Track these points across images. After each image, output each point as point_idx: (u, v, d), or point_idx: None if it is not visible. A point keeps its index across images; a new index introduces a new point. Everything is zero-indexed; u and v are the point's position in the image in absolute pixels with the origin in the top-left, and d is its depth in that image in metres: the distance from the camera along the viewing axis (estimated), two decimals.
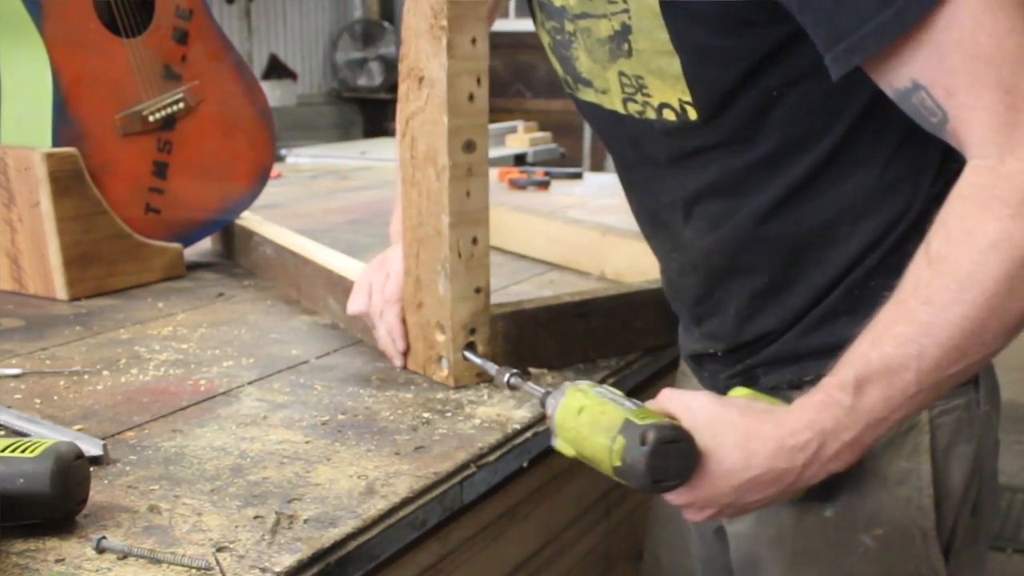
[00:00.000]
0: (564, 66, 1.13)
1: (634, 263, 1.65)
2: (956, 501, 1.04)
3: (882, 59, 0.86)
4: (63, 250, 1.61)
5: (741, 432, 0.90)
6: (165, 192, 1.78)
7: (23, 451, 0.86)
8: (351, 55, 8.36)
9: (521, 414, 1.15)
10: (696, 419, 0.91)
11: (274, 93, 7.70)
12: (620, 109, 1.07)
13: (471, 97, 1.15)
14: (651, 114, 1.04)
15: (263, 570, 0.80)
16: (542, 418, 1.14)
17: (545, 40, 1.15)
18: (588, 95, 1.11)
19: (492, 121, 1.25)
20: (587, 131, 7.09)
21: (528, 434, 1.12)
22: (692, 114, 1.00)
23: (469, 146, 1.16)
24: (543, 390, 1.02)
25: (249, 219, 1.88)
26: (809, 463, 0.89)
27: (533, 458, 1.13)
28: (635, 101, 1.04)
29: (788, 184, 1.01)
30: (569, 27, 1.07)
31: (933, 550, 1.03)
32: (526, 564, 1.26)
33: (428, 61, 1.15)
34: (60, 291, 1.62)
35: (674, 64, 0.98)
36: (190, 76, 1.78)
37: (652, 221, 1.18)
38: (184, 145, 1.79)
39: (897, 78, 0.86)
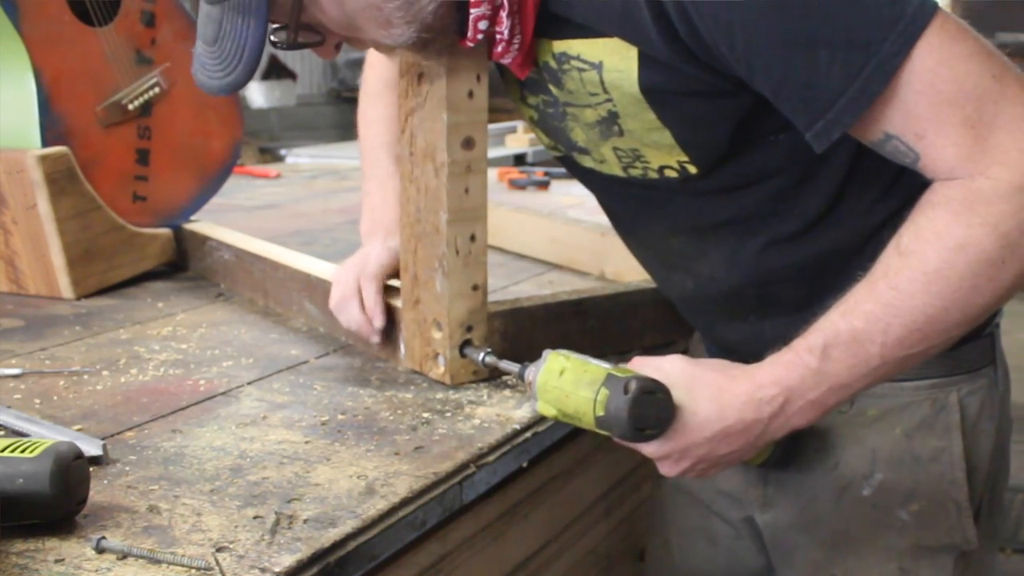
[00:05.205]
0: (557, 136, 1.14)
1: (634, 263, 1.64)
2: (983, 474, 1.11)
3: (856, 124, 0.92)
4: (65, 250, 1.61)
5: (715, 386, 0.96)
6: (149, 179, 1.78)
7: (23, 451, 0.85)
8: (351, 55, 8.36)
9: (521, 414, 1.15)
10: (671, 378, 0.96)
11: (274, 93, 7.69)
12: (621, 174, 1.11)
13: (470, 94, 1.15)
14: (653, 175, 1.08)
15: (263, 570, 0.80)
16: (542, 418, 1.14)
17: (529, 114, 1.16)
18: (586, 161, 1.14)
19: (492, 121, 1.25)
20: None
21: (528, 434, 1.12)
22: (693, 169, 1.05)
23: (468, 143, 1.16)
24: (519, 365, 1.06)
25: (200, 224, 1.84)
26: (775, 416, 0.95)
27: (533, 458, 1.13)
28: (635, 167, 1.09)
29: (804, 212, 1.06)
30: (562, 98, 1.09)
31: (967, 521, 1.10)
32: (526, 564, 1.26)
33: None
34: (66, 291, 1.62)
35: (665, 135, 1.02)
36: (161, 58, 1.78)
37: (663, 264, 1.21)
38: (162, 129, 1.79)
39: (871, 133, 0.92)
